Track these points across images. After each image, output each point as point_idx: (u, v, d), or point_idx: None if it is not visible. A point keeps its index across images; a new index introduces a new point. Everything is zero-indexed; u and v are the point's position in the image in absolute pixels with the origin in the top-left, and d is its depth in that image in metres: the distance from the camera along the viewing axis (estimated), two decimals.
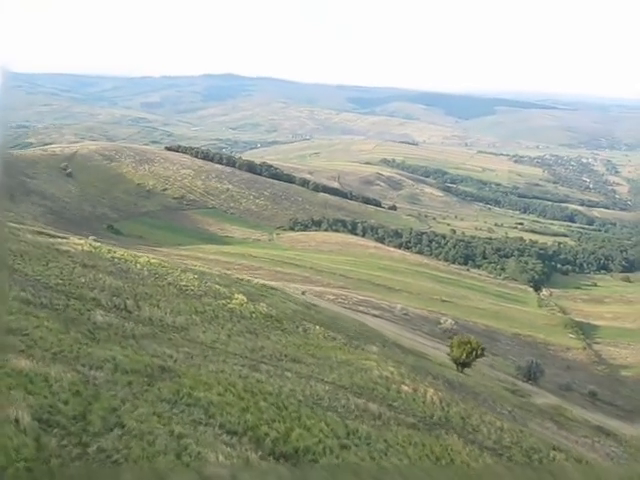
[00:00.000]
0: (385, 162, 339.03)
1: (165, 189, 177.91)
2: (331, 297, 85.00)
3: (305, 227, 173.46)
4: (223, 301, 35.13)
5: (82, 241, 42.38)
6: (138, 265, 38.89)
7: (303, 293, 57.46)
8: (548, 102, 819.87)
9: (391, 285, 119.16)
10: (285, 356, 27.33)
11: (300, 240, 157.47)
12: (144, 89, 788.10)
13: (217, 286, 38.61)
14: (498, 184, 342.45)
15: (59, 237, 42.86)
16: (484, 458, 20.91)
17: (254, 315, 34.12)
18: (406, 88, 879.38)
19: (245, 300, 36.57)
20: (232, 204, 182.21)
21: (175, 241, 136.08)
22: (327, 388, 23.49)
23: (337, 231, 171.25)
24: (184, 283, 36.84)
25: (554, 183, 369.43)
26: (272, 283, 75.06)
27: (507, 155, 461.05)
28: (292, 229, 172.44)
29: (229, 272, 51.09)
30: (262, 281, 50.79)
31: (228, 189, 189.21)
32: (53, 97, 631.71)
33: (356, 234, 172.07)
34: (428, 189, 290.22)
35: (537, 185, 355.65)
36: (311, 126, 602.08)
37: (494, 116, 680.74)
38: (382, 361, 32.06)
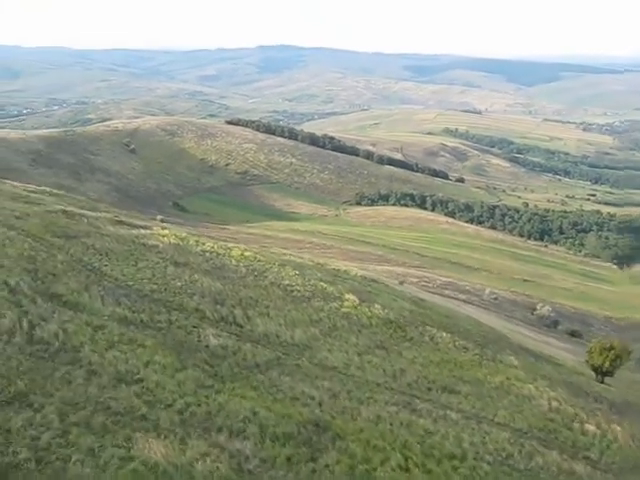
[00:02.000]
0: (448, 132, 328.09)
1: (228, 164, 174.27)
2: (414, 280, 79.74)
3: (372, 202, 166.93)
4: (335, 304, 30.43)
5: (166, 231, 38.09)
6: (232, 260, 34.44)
7: (401, 283, 52.04)
8: (615, 65, 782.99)
9: (469, 264, 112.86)
10: (433, 383, 22.62)
11: (369, 215, 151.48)
12: (200, 62, 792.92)
13: (322, 283, 33.82)
14: (567, 153, 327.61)
15: (141, 227, 38.64)
16: None
17: (373, 322, 29.38)
18: (465, 55, 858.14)
19: (356, 301, 31.87)
20: (296, 178, 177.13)
21: (241, 218, 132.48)
22: (507, 436, 18.64)
23: (405, 205, 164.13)
24: (287, 282, 32.16)
25: (631, 150, 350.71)
26: (350, 264, 70.39)
27: (574, 123, 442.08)
28: (359, 204, 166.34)
29: (322, 262, 46.09)
30: (359, 271, 45.71)
31: (291, 163, 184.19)
32: (110, 72, 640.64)
33: (425, 208, 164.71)
34: (494, 160, 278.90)
35: (607, 154, 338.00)
36: (368, 96, 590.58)
37: (559, 82, 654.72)
38: (531, 378, 26.89)
